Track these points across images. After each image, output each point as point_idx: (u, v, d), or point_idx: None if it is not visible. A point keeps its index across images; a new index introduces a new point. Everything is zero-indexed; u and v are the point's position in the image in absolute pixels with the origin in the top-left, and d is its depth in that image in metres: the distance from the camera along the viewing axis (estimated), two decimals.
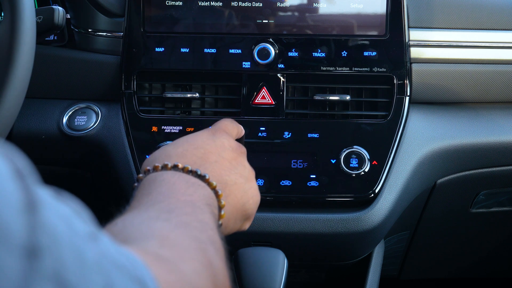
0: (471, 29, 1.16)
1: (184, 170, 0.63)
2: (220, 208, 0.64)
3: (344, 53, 1.12)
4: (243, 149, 0.75)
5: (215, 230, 0.58)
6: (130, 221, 0.53)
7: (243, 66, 1.13)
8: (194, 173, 0.63)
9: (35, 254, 0.31)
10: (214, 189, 0.64)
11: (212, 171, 0.66)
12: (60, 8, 0.96)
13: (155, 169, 0.64)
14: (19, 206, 0.32)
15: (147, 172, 0.64)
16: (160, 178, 0.62)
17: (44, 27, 0.95)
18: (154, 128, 1.11)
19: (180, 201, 0.58)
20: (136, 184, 0.65)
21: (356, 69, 1.12)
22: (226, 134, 0.75)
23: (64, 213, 0.36)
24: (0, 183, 0.32)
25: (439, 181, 1.19)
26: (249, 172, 0.73)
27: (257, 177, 1.06)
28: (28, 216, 0.32)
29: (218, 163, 0.68)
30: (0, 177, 0.32)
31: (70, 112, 1.16)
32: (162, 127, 1.11)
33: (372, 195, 1.06)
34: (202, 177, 0.63)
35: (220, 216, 0.64)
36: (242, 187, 0.70)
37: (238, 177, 0.69)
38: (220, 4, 1.14)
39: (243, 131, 0.82)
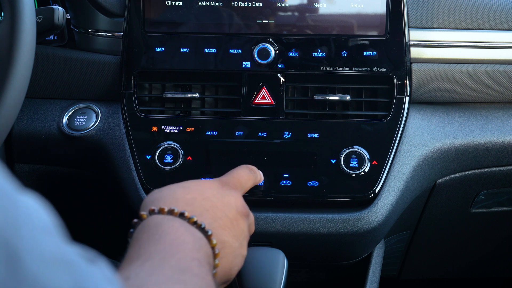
0: (471, 29, 1.16)
1: (190, 221, 0.63)
2: (214, 266, 0.64)
3: (344, 53, 1.12)
4: (246, 210, 0.74)
5: None
6: (145, 278, 0.52)
7: (243, 66, 1.13)
8: (199, 227, 0.63)
9: None
10: (213, 247, 0.63)
11: (214, 227, 0.65)
12: (60, 8, 0.96)
13: (160, 211, 0.62)
14: None
15: (152, 212, 0.63)
16: (167, 224, 0.61)
17: (44, 27, 0.95)
18: (154, 128, 1.11)
19: (189, 258, 0.58)
20: (136, 220, 0.63)
21: (356, 69, 1.12)
22: (236, 190, 0.74)
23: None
24: None
25: (439, 181, 1.19)
26: (245, 237, 0.72)
27: None
28: None
29: (221, 221, 0.67)
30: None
31: (70, 112, 1.16)
32: (162, 127, 1.11)
33: (372, 195, 1.06)
34: (205, 232, 0.63)
35: (215, 266, 0.64)
36: (235, 252, 0.69)
37: (234, 240, 0.68)
38: (220, 4, 1.14)
39: (261, 178, 0.80)
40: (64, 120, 1.15)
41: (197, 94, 1.14)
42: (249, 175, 0.78)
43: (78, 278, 0.35)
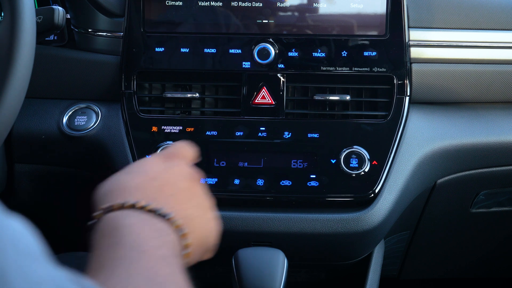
0: (471, 29, 1.16)
1: (145, 209, 0.59)
2: (185, 247, 0.61)
3: (344, 53, 1.12)
4: (196, 176, 0.70)
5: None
6: None
7: (243, 66, 1.13)
8: (156, 213, 0.59)
9: None
10: (178, 228, 0.60)
11: (171, 206, 0.61)
12: (60, 8, 0.96)
13: (112, 208, 0.59)
14: None
15: (105, 210, 0.59)
16: (123, 224, 0.57)
17: (44, 27, 0.95)
18: (154, 128, 1.11)
19: (155, 259, 0.54)
20: (91, 222, 0.60)
21: (356, 69, 1.12)
22: (180, 160, 0.70)
23: None
24: None
25: (439, 181, 1.19)
26: (207, 201, 0.69)
27: (257, 177, 1.07)
28: None
29: (175, 196, 0.63)
30: None
31: (70, 112, 1.16)
32: (162, 127, 1.11)
33: (372, 195, 1.06)
34: (165, 217, 0.59)
35: (184, 255, 0.61)
36: (202, 220, 0.65)
37: (197, 209, 0.65)
38: (220, 4, 1.14)
39: (198, 157, 0.75)
40: (64, 120, 1.15)
41: (197, 94, 1.14)
42: (187, 149, 0.73)
43: None
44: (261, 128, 1.10)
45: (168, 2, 1.15)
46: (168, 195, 0.63)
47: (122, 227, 0.56)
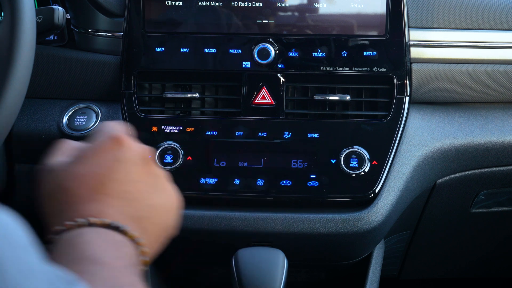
0: (471, 29, 1.16)
1: (100, 224, 0.57)
2: (142, 254, 0.59)
3: (344, 53, 1.12)
4: (148, 152, 0.66)
5: None
6: None
7: (243, 66, 1.13)
8: (111, 227, 0.57)
9: None
10: (134, 238, 0.58)
11: (124, 210, 0.59)
12: (60, 8, 0.96)
13: (67, 229, 0.56)
14: None
15: (58, 232, 0.57)
16: (80, 240, 0.55)
17: (44, 27, 0.95)
18: (154, 128, 1.11)
19: (114, 269, 0.53)
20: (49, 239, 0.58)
21: (356, 69, 1.12)
22: (128, 139, 0.66)
23: None
24: None
25: (439, 181, 1.19)
26: (162, 177, 0.65)
27: (257, 177, 1.07)
28: None
29: (128, 193, 0.60)
30: None
31: (70, 112, 1.16)
32: (162, 127, 1.11)
33: (372, 195, 1.06)
34: (120, 229, 0.57)
35: (143, 262, 0.59)
36: (162, 207, 0.63)
37: (153, 196, 0.62)
38: (220, 4, 1.14)
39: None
40: (64, 120, 1.15)
41: (197, 94, 1.14)
42: (123, 128, 0.70)
43: None
44: (261, 128, 1.10)
45: (168, 2, 1.15)
46: (119, 197, 0.59)
47: (80, 244, 0.55)
